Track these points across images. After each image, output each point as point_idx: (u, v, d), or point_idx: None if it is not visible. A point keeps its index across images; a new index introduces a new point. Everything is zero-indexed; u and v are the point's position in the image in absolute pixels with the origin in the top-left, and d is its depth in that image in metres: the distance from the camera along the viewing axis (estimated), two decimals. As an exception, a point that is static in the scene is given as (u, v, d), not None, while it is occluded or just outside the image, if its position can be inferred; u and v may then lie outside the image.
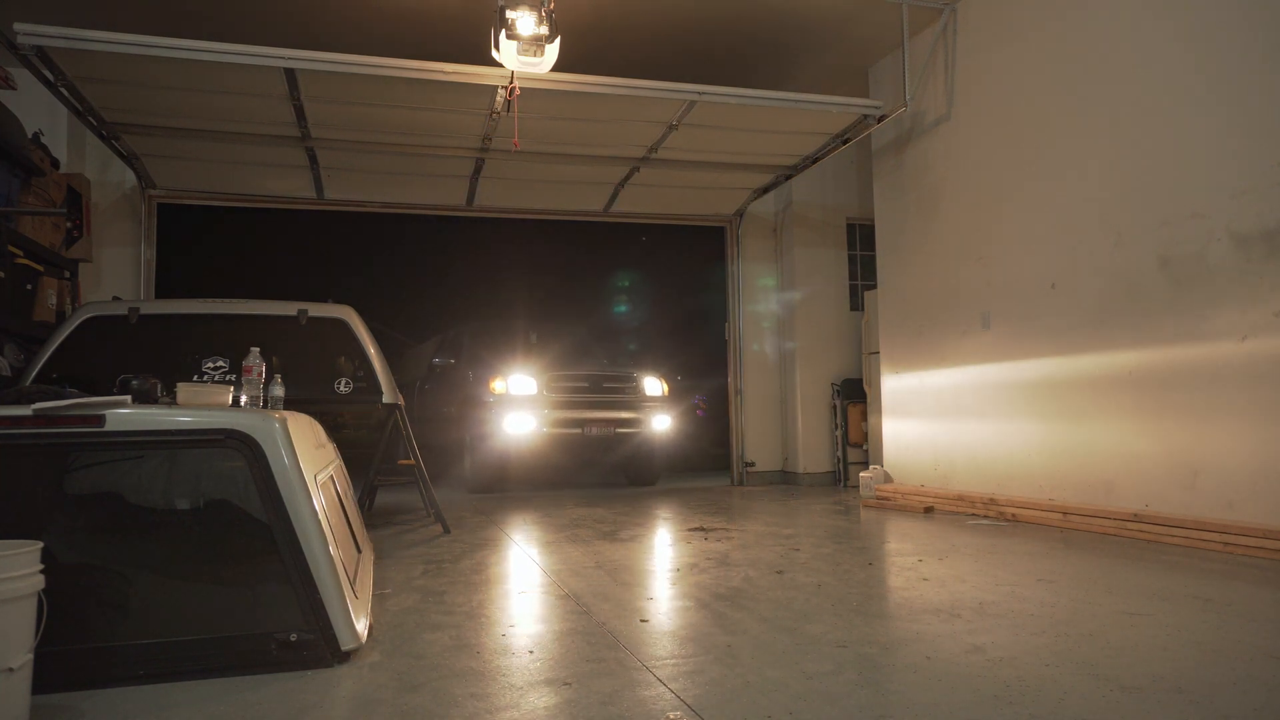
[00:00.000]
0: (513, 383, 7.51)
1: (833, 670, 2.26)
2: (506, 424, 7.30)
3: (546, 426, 7.43)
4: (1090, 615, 2.82)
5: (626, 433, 7.76)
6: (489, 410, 7.43)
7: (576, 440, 7.59)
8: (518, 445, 7.47)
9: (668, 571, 3.74)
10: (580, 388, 7.70)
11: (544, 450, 7.70)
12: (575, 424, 7.51)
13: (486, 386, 7.54)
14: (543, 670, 2.30)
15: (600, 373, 7.99)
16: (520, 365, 7.81)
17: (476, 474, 7.77)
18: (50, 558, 2.01)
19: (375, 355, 4.78)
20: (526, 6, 4.79)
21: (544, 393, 7.51)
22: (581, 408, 7.56)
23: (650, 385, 7.99)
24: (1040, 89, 5.41)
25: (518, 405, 7.39)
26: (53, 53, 4.80)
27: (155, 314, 4.54)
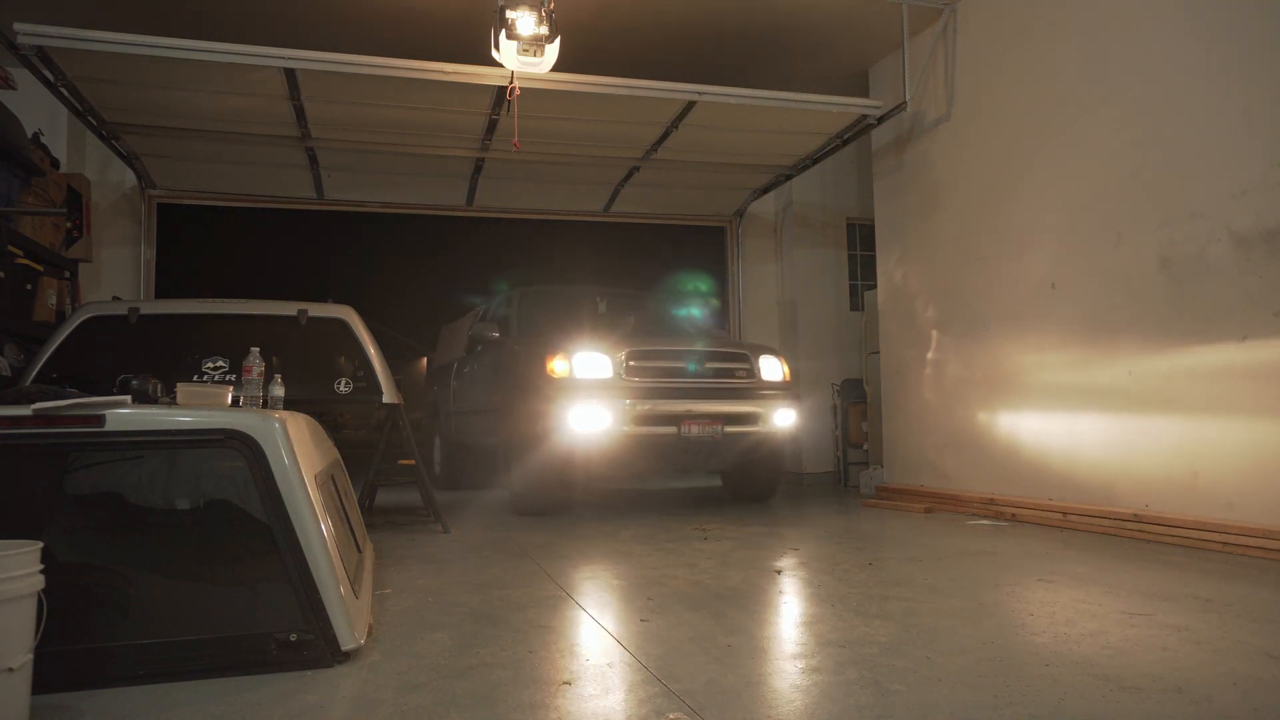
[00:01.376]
0: (580, 362, 5.40)
1: (834, 670, 2.26)
2: (571, 420, 5.23)
3: (628, 424, 5.31)
4: (1090, 615, 2.82)
5: (739, 433, 5.62)
6: (546, 401, 5.32)
7: (669, 443, 5.44)
8: (586, 450, 5.33)
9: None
10: (675, 369, 5.61)
11: (622, 457, 5.49)
12: (668, 420, 5.41)
13: (542, 368, 5.43)
14: (545, 670, 2.30)
15: (703, 348, 5.86)
16: (589, 338, 5.71)
17: (527, 490, 5.65)
18: (50, 558, 2.00)
19: (375, 355, 4.78)
20: (526, 6, 4.79)
21: (623, 376, 5.41)
22: (678, 397, 5.48)
23: (768, 367, 5.94)
24: (1040, 89, 5.41)
25: (587, 394, 5.30)
26: (53, 53, 4.80)
27: (155, 314, 4.54)
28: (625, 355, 5.47)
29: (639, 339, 5.92)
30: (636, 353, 5.54)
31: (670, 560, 3.97)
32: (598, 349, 5.49)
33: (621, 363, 5.45)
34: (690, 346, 5.85)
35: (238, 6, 5.98)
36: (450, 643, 2.58)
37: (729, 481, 6.72)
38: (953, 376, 6.20)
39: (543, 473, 5.50)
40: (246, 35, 5.33)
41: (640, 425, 5.34)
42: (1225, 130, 4.24)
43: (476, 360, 7.01)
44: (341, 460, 3.97)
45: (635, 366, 5.47)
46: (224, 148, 6.42)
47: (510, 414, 5.83)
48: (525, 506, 5.73)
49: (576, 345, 5.50)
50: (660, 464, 5.73)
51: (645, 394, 5.41)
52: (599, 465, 5.57)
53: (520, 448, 5.64)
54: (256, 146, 6.44)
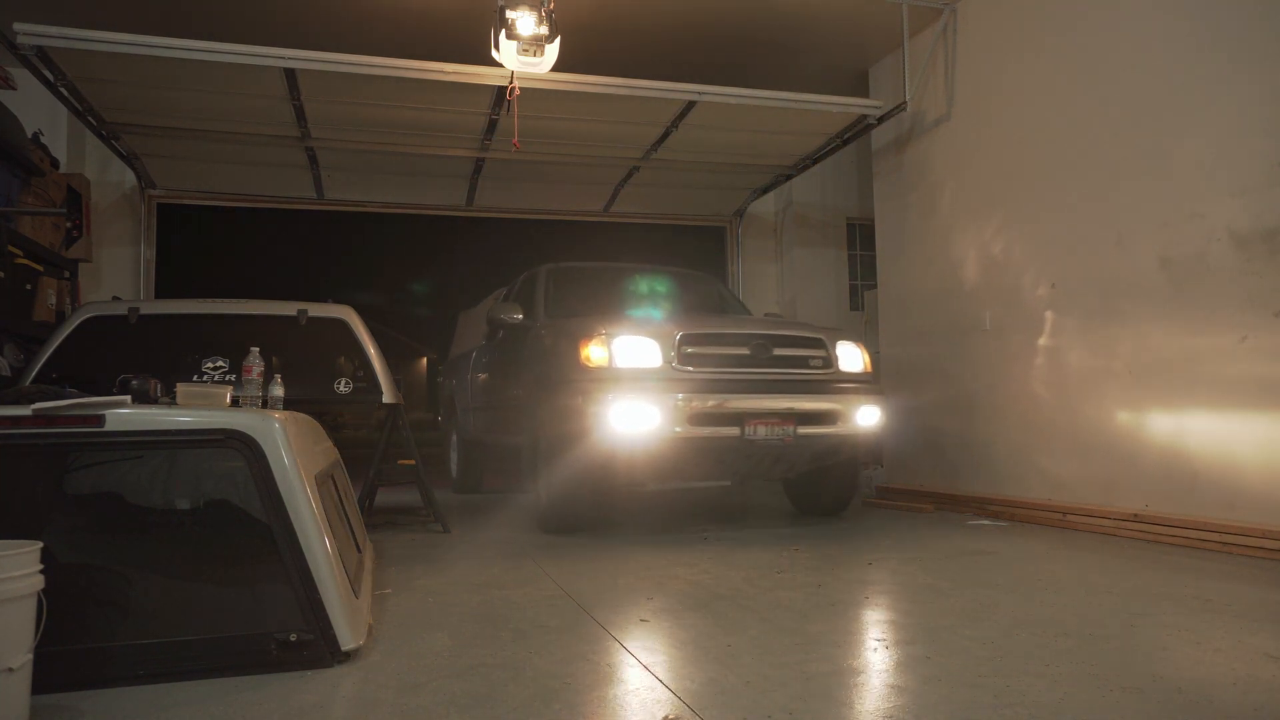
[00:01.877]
0: (622, 348, 4.49)
1: (833, 670, 2.26)
2: (612, 419, 4.32)
3: (680, 424, 4.37)
4: (1090, 615, 2.82)
5: (815, 434, 4.63)
6: (579, 395, 4.41)
7: (731, 448, 4.49)
8: (628, 456, 4.46)
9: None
10: (738, 357, 4.65)
11: (672, 464, 4.63)
12: (730, 419, 4.46)
13: (575, 356, 4.55)
14: (544, 669, 2.30)
15: (771, 331, 4.87)
16: (633, 320, 4.89)
17: (556, 502, 4.74)
18: (50, 558, 2.00)
19: (375, 355, 4.78)
20: (526, 6, 4.80)
21: (675, 365, 4.48)
22: (742, 391, 4.51)
23: (847, 354, 4.98)
24: (1040, 89, 5.41)
25: (630, 386, 4.38)
26: (53, 53, 4.80)
27: (155, 314, 4.54)
28: (678, 339, 4.50)
29: (693, 320, 4.96)
30: (692, 336, 4.57)
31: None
32: (644, 332, 4.55)
33: (673, 348, 4.49)
34: (756, 330, 4.83)
35: (238, 6, 5.98)
36: (450, 643, 2.58)
37: (794, 491, 5.73)
38: (953, 376, 6.20)
39: (575, 482, 4.61)
40: (246, 35, 5.33)
41: (696, 425, 4.38)
42: (1225, 130, 4.24)
43: (497, 348, 6.14)
44: (341, 460, 3.97)
45: (691, 354, 4.53)
46: (224, 148, 6.42)
47: (536, 411, 4.89)
48: (554, 521, 4.80)
49: (618, 328, 4.56)
50: (718, 472, 4.92)
51: (702, 387, 4.44)
52: (644, 473, 4.81)
53: (548, 451, 4.72)
54: (256, 146, 6.44)
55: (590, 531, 4.85)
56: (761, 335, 4.76)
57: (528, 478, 5.20)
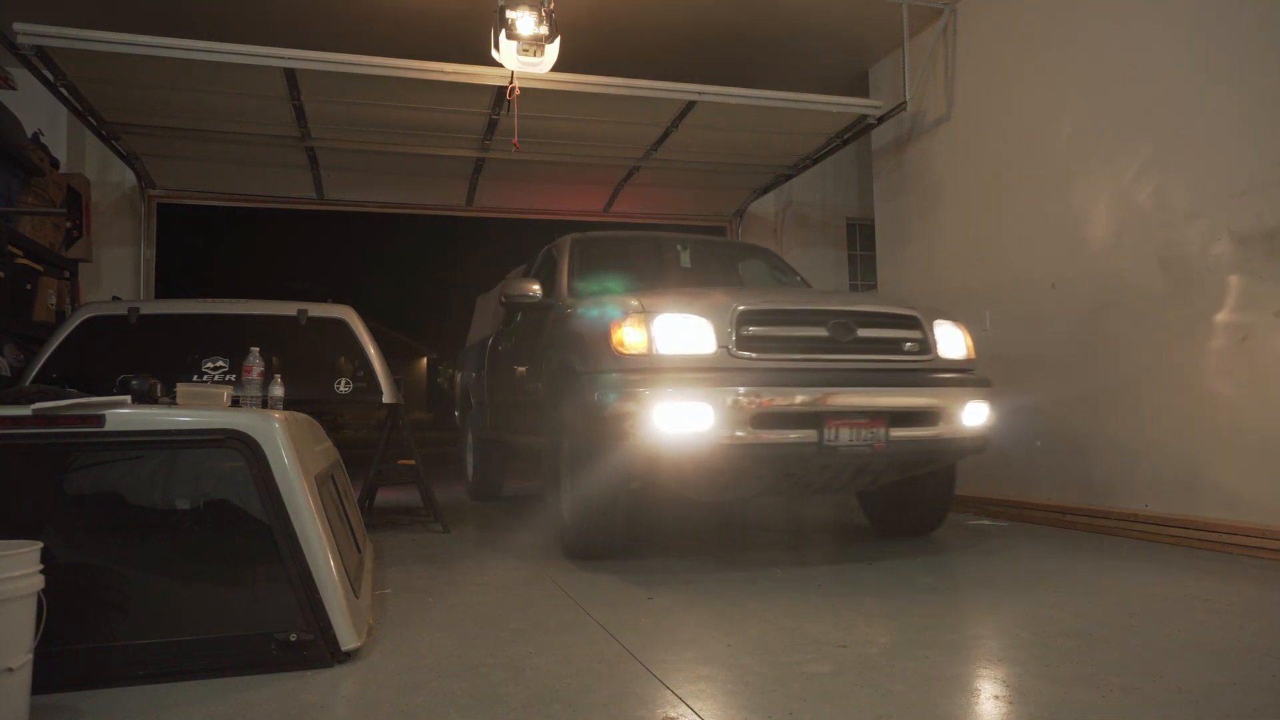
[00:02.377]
0: (665, 329, 3.61)
1: (832, 671, 2.26)
2: (654, 420, 3.44)
3: (741, 426, 3.47)
4: (1090, 615, 2.82)
5: (911, 438, 3.73)
6: (612, 390, 3.58)
7: (806, 455, 3.57)
8: (674, 467, 3.59)
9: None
10: (813, 340, 3.73)
11: (729, 476, 3.67)
12: (804, 419, 3.56)
13: (605, 339, 3.69)
14: (545, 669, 2.30)
15: (851, 308, 3.90)
16: (679, 295, 3.90)
17: (582, 522, 3.85)
18: (50, 558, 2.00)
19: (375, 355, 4.78)
20: (526, 6, 4.80)
21: (733, 350, 3.58)
22: (819, 383, 3.61)
23: (948, 338, 4.04)
24: (1040, 89, 5.41)
25: (676, 378, 3.51)
26: (53, 53, 4.80)
27: (155, 314, 4.54)
28: (737, 317, 3.60)
29: (755, 293, 4.08)
30: (755, 313, 3.66)
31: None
32: (693, 309, 3.63)
33: (730, 329, 3.57)
34: (835, 305, 3.86)
35: (238, 6, 5.98)
36: (450, 643, 2.58)
37: (872, 505, 4.72)
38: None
39: (606, 499, 3.75)
40: (246, 35, 5.33)
41: (760, 428, 3.45)
42: (1225, 130, 4.24)
43: (514, 334, 5.36)
44: (341, 460, 3.97)
45: (753, 336, 3.61)
46: (224, 148, 6.42)
47: (558, 409, 4.12)
48: (580, 546, 3.91)
49: (659, 303, 3.67)
50: (784, 486, 3.82)
51: (768, 378, 3.53)
52: (693, 488, 3.83)
53: (573, 460, 3.87)
54: (256, 146, 6.44)
55: (624, 556, 3.98)
56: (843, 312, 3.79)
57: (547, 488, 4.38)
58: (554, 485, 4.28)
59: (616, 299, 3.91)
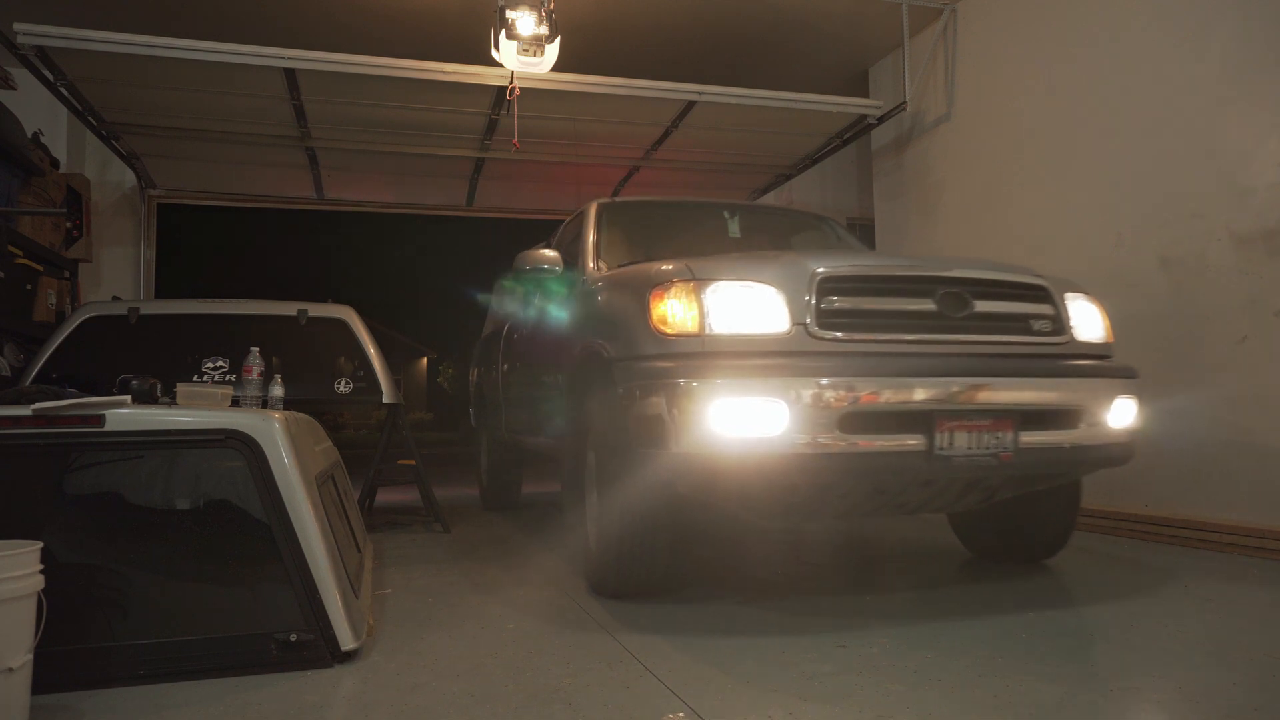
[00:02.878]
0: (722, 301, 2.81)
1: (834, 671, 2.26)
2: (708, 421, 2.64)
3: (826, 428, 2.65)
4: (1090, 615, 2.82)
5: (1046, 445, 2.90)
6: (653, 381, 2.78)
7: (910, 468, 2.74)
8: (735, 482, 2.79)
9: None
10: (917, 316, 2.93)
11: (811, 494, 2.87)
12: (910, 421, 2.75)
13: (644, 317, 2.90)
14: (544, 670, 2.30)
15: (963, 274, 3.03)
16: (738, 260, 3.03)
17: (613, 551, 3.01)
18: (50, 558, 2.00)
19: (375, 355, 4.78)
20: (526, 6, 4.80)
21: (813, 329, 2.79)
22: (927, 372, 2.78)
23: (1082, 315, 3.25)
24: (1040, 89, 5.41)
25: (737, 366, 2.69)
26: (53, 53, 4.80)
27: (155, 314, 4.54)
28: (818, 284, 2.79)
29: (839, 255, 3.06)
30: (843, 280, 2.84)
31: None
32: (757, 275, 2.82)
33: (809, 302, 2.77)
34: (942, 271, 2.98)
35: (238, 6, 5.98)
36: (450, 643, 2.58)
37: (970, 525, 3.83)
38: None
39: (645, 524, 2.91)
40: (246, 35, 5.34)
41: (851, 431, 2.65)
42: (1225, 130, 4.24)
43: (531, 319, 4.63)
44: (341, 460, 3.97)
45: (839, 311, 2.80)
46: (224, 148, 6.42)
47: (582, 407, 3.38)
48: (610, 581, 3.07)
49: (714, 268, 2.87)
50: (875, 505, 3.01)
51: (860, 365, 2.70)
52: (757, 509, 3.06)
53: (601, 471, 3.10)
54: (256, 146, 6.44)
55: (667, 595, 3.14)
56: (955, 280, 2.94)
57: (567, 504, 3.68)
58: (576, 501, 3.49)
59: (657, 265, 3.03)
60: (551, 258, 3.89)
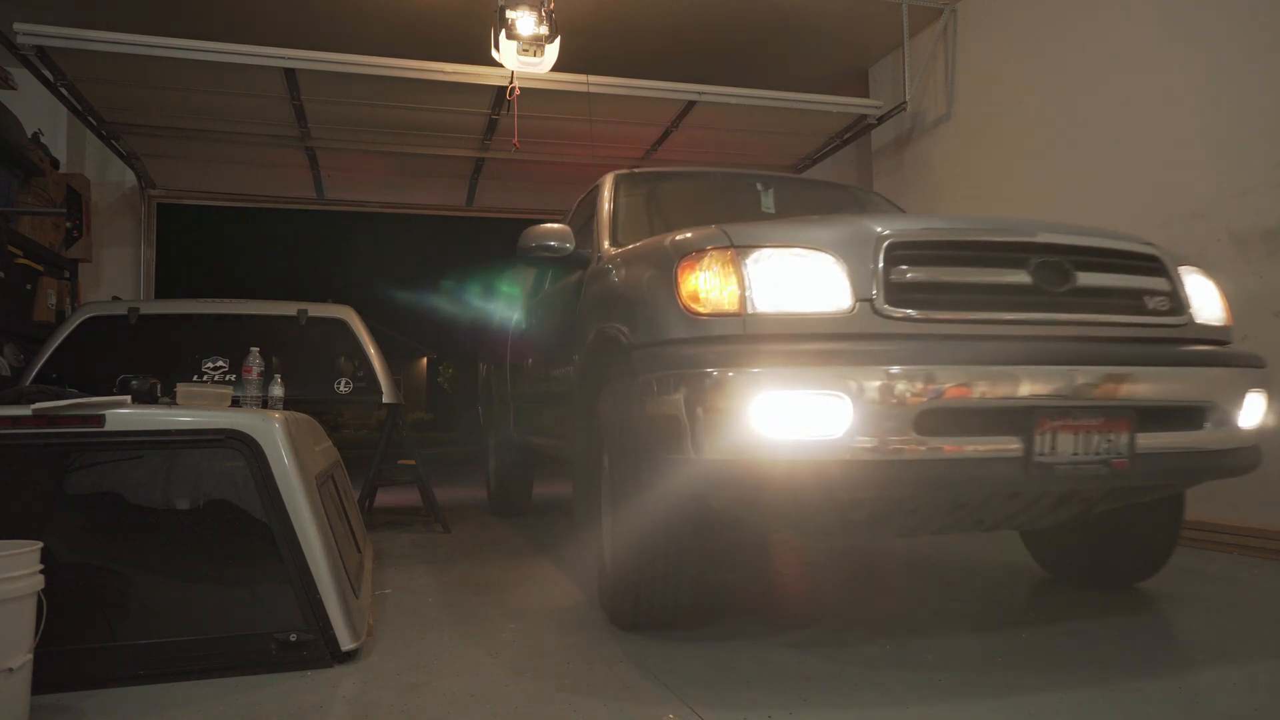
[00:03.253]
0: (767, 272, 2.28)
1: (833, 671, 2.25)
2: (755, 419, 2.12)
3: (900, 430, 2.12)
4: (1089, 616, 2.82)
5: (1168, 450, 2.36)
6: (684, 371, 2.26)
7: (1001, 479, 2.21)
8: (790, 493, 2.24)
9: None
10: (1007, 290, 2.37)
11: (878, 509, 2.34)
12: (1002, 420, 2.20)
13: (672, 293, 2.39)
14: (544, 670, 2.30)
15: (1061, 239, 2.45)
16: (785, 225, 2.57)
17: (632, 575, 2.52)
18: (50, 558, 2.00)
19: (375, 355, 4.78)
20: (526, 6, 4.80)
21: (881, 306, 2.25)
22: (1023, 358, 2.24)
23: (1200, 291, 2.66)
24: (1040, 89, 5.41)
25: (790, 351, 2.17)
26: (53, 53, 4.80)
27: (155, 314, 4.54)
28: (886, 250, 2.31)
29: (909, 218, 2.60)
30: (916, 247, 2.36)
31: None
32: (809, 239, 2.35)
33: (876, 270, 2.29)
34: (1041, 235, 2.46)
35: (238, 6, 5.98)
36: (450, 643, 2.57)
37: (1048, 542, 3.33)
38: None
39: (671, 545, 2.47)
40: (246, 35, 5.34)
41: (930, 433, 2.17)
42: (1225, 130, 4.24)
43: (541, 306, 4.23)
44: (341, 460, 3.97)
45: (913, 283, 2.32)
46: (224, 148, 6.42)
47: (597, 404, 2.91)
48: (629, 609, 2.60)
49: (755, 233, 2.39)
50: (951, 521, 2.51)
51: (940, 351, 2.22)
52: (810, 525, 2.56)
53: (618, 480, 2.64)
54: (256, 146, 6.44)
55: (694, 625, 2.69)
56: (1053, 246, 2.43)
57: (580, 515, 3.26)
58: (590, 514, 3.05)
59: (687, 233, 2.51)
60: (561, 232, 3.37)
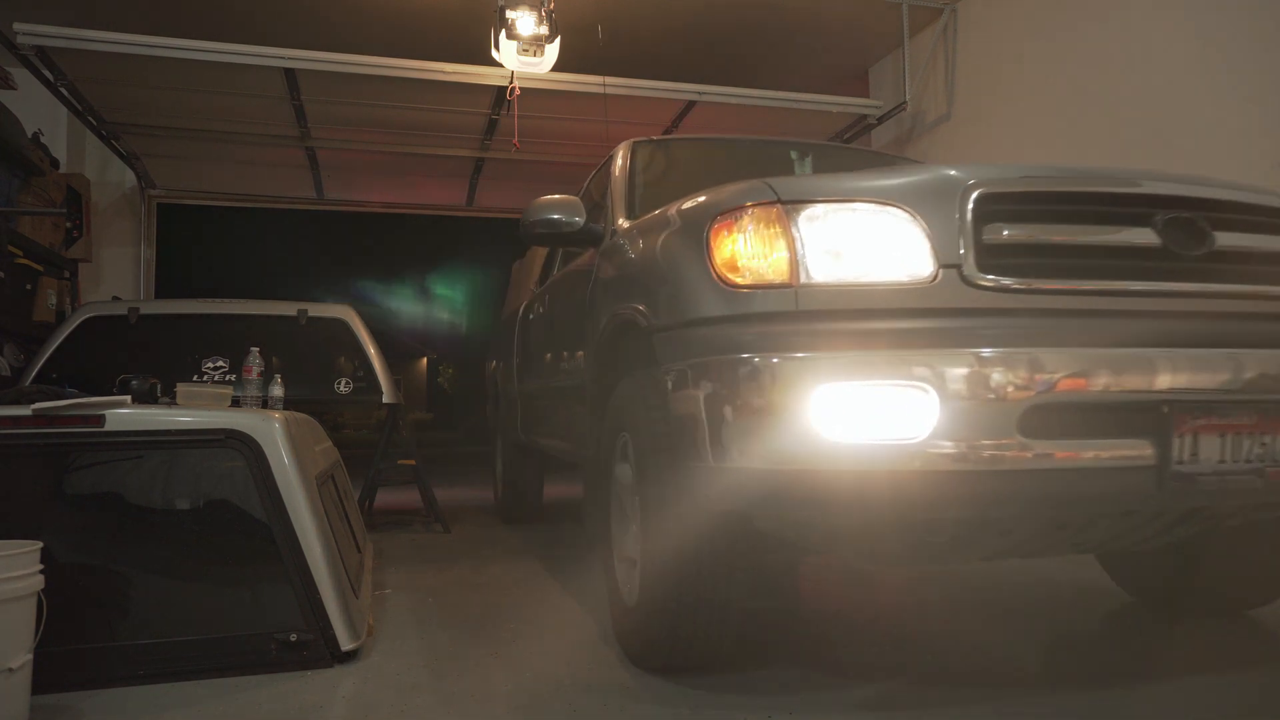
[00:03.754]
0: (826, 232, 1.81)
1: (833, 670, 2.24)
2: (813, 418, 1.66)
3: (999, 431, 1.64)
4: (1090, 616, 2.82)
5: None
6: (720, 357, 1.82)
7: (1128, 493, 1.71)
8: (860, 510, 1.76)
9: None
10: (1132, 255, 1.86)
11: (965, 530, 1.84)
12: (1130, 420, 1.71)
13: (705, 261, 1.92)
14: (543, 670, 2.30)
15: (1192, 192, 1.93)
16: (853, 174, 2.00)
17: (660, 612, 2.07)
18: (50, 558, 2.00)
19: (375, 355, 4.78)
20: (526, 6, 4.80)
21: (969, 274, 1.76)
22: (1156, 339, 1.76)
23: None
24: (1040, 89, 5.41)
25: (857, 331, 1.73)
26: (53, 53, 4.81)
27: (155, 314, 4.54)
28: (975, 204, 1.81)
29: (999, 166, 1.96)
30: (1013, 200, 1.87)
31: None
32: (876, 193, 1.87)
33: (963, 226, 1.80)
34: (1168, 187, 1.96)
35: (238, 6, 5.98)
36: (450, 643, 2.58)
37: (1138, 567, 2.81)
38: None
39: (708, 572, 2.03)
40: (246, 35, 5.34)
41: (1038, 435, 1.68)
42: (1226, 129, 4.24)
43: (550, 294, 3.85)
44: (341, 460, 3.97)
45: (1013, 244, 1.83)
46: (224, 148, 6.42)
47: (611, 399, 2.49)
48: (658, 649, 2.17)
49: (808, 187, 1.94)
50: (1047, 544, 2.03)
51: (1052, 332, 1.76)
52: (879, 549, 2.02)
53: (640, 492, 2.20)
54: (256, 146, 6.45)
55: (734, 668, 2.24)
56: (1184, 200, 1.95)
57: (592, 532, 2.92)
58: (602, 531, 2.63)
59: (723, 192, 2.03)
60: (569, 204, 2.92)
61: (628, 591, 2.33)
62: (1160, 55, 4.60)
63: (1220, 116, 4.27)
